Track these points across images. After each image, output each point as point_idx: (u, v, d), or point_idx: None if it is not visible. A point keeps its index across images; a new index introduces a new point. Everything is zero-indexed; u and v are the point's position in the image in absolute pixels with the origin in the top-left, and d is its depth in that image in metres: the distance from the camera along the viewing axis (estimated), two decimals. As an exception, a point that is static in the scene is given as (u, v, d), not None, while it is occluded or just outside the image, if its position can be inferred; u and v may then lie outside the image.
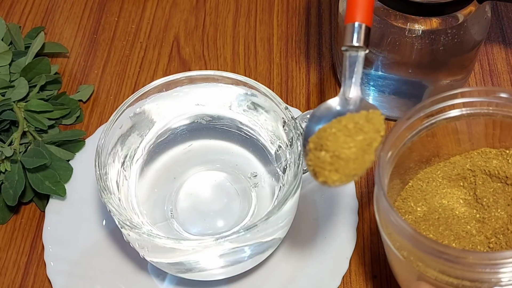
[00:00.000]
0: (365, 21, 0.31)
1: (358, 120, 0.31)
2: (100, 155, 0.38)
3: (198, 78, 0.42)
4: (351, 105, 0.33)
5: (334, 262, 0.42)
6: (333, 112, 0.33)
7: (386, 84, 0.47)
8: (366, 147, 0.31)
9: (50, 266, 0.43)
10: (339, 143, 0.30)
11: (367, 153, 0.31)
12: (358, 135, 0.31)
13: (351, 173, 0.30)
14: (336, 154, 0.30)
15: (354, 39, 0.31)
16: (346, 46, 0.32)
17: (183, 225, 0.42)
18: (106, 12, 0.59)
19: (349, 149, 0.30)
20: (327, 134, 0.31)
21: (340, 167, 0.30)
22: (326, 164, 0.30)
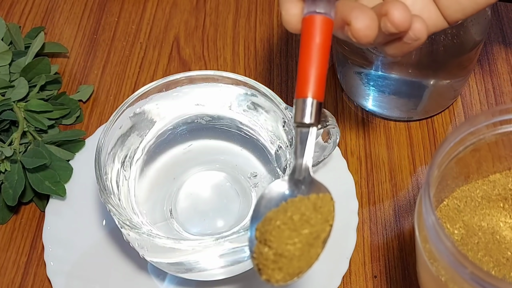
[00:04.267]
0: (317, 97, 0.29)
1: (305, 211, 0.29)
2: (100, 155, 0.38)
3: (198, 78, 0.42)
4: (302, 185, 0.31)
5: (334, 262, 0.42)
6: (282, 195, 0.31)
7: (386, 84, 0.47)
8: (313, 240, 0.29)
9: (50, 266, 0.43)
10: (283, 238, 0.29)
11: (313, 247, 0.29)
12: (304, 228, 0.29)
13: (295, 271, 0.29)
14: (279, 252, 0.29)
15: (305, 116, 0.29)
16: (297, 122, 0.29)
17: (183, 225, 0.42)
18: (106, 13, 0.59)
19: (293, 245, 0.29)
20: (271, 228, 0.29)
21: (284, 266, 0.29)
22: (269, 262, 0.29)
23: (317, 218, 0.29)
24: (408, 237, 0.45)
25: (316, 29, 0.28)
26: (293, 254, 0.29)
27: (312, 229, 0.29)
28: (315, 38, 0.28)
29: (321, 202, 0.30)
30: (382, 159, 0.48)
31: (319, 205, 0.30)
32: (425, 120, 0.50)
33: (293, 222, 0.29)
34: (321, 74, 0.29)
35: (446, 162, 0.34)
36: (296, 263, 0.29)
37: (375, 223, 0.45)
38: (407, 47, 0.31)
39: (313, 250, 0.29)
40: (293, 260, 0.29)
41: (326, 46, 0.29)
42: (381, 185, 0.47)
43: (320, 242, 0.29)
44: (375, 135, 0.50)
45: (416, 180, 0.47)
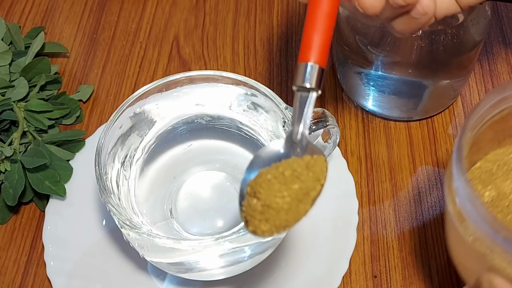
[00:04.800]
0: (319, 62, 0.29)
1: (297, 167, 0.30)
2: (100, 155, 0.38)
3: (198, 78, 0.42)
4: (297, 148, 0.31)
5: (334, 262, 0.42)
6: (277, 155, 0.31)
7: (386, 84, 0.47)
8: (302, 196, 0.29)
9: (50, 266, 0.43)
10: (272, 191, 0.29)
11: (302, 203, 0.29)
12: (294, 183, 0.29)
13: (282, 224, 0.29)
14: (267, 203, 0.29)
15: (305, 80, 0.29)
16: (297, 86, 0.30)
17: (183, 225, 0.42)
18: (106, 12, 0.59)
19: (282, 198, 0.29)
20: (261, 180, 0.29)
21: (271, 217, 0.29)
22: (256, 213, 0.29)
23: (308, 176, 0.30)
24: (408, 237, 0.45)
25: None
26: (281, 207, 0.29)
27: (302, 184, 0.29)
28: (322, 5, 0.29)
29: (314, 162, 0.30)
30: (382, 159, 0.48)
31: (312, 164, 0.30)
32: (425, 120, 0.50)
33: (283, 177, 0.29)
34: (325, 40, 0.29)
35: (480, 125, 0.34)
36: (284, 216, 0.29)
37: (375, 223, 0.45)
38: (415, 22, 0.31)
39: (302, 206, 0.30)
40: (281, 213, 0.29)
41: (332, 14, 0.29)
42: (381, 185, 0.47)
43: (309, 199, 0.30)
44: (375, 135, 0.50)
45: (416, 180, 0.47)
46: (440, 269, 0.43)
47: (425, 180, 0.47)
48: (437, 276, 0.43)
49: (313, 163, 0.30)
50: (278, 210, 0.29)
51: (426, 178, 0.47)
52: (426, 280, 0.43)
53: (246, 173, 0.31)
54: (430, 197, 0.46)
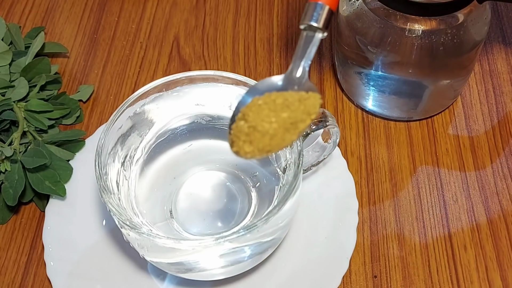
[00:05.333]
0: (330, 4, 0.29)
1: (289, 97, 0.30)
2: (100, 155, 0.38)
3: (198, 78, 0.42)
4: (295, 85, 0.32)
5: (334, 262, 0.42)
6: (274, 86, 0.32)
7: (386, 84, 0.47)
8: (290, 125, 0.30)
9: (50, 266, 0.43)
10: (261, 115, 0.30)
11: (289, 132, 0.30)
12: (284, 111, 0.30)
13: (265, 148, 0.30)
14: (253, 125, 0.29)
15: (313, 18, 0.30)
16: (305, 24, 0.30)
17: (183, 225, 0.42)
18: (106, 12, 0.59)
19: (269, 124, 0.29)
20: (251, 105, 0.30)
21: (255, 140, 0.30)
22: (242, 134, 0.30)
23: (299, 107, 0.30)
24: (408, 237, 0.45)
25: None
26: (266, 131, 0.29)
27: (291, 114, 0.30)
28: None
29: (307, 97, 0.31)
30: (382, 159, 0.48)
31: (305, 98, 0.30)
32: (425, 120, 0.50)
33: (274, 104, 0.30)
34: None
35: None
36: (268, 140, 0.30)
37: (375, 223, 0.45)
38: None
39: (288, 135, 0.30)
40: (265, 137, 0.29)
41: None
42: (381, 185, 0.47)
43: (296, 130, 0.30)
44: (375, 135, 0.50)
45: (416, 180, 0.47)
46: (440, 269, 0.43)
47: (425, 180, 0.47)
48: (437, 276, 0.43)
49: (306, 97, 0.31)
50: (263, 134, 0.30)
51: (426, 178, 0.47)
52: (426, 280, 0.43)
53: (241, 99, 0.31)
54: (430, 197, 0.46)
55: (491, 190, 0.47)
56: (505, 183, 0.47)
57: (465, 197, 0.46)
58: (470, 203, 0.46)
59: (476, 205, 0.46)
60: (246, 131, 0.30)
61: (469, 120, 0.50)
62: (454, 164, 0.48)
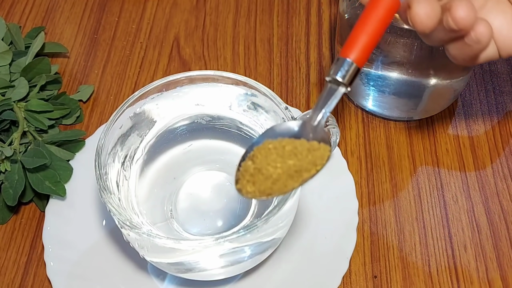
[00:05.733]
0: (359, 62, 0.30)
1: (299, 146, 0.31)
2: (100, 155, 0.38)
3: (198, 78, 0.42)
4: (311, 132, 0.32)
5: (334, 262, 0.42)
6: (290, 131, 0.33)
7: (386, 84, 0.47)
8: (294, 173, 0.31)
9: (50, 266, 0.43)
10: (268, 159, 0.31)
11: (292, 179, 0.31)
12: (291, 159, 0.30)
13: (266, 191, 0.31)
14: (259, 167, 0.30)
15: (340, 74, 0.31)
16: (331, 77, 0.31)
17: (183, 225, 0.42)
18: (107, 12, 0.59)
19: (274, 168, 0.30)
20: (261, 147, 0.31)
21: (258, 181, 0.31)
22: (247, 174, 0.31)
23: (306, 157, 0.31)
24: (408, 237, 0.45)
25: (382, 3, 0.30)
26: (270, 175, 0.30)
27: (297, 162, 0.31)
28: (378, 11, 0.30)
29: (317, 147, 0.31)
30: (382, 159, 0.48)
31: (315, 148, 0.31)
32: (425, 120, 0.50)
33: (283, 150, 0.31)
34: (370, 44, 0.30)
35: None
36: (270, 184, 0.30)
37: (375, 223, 0.45)
38: (469, 49, 0.31)
39: (290, 182, 0.31)
40: (268, 180, 0.30)
41: (384, 22, 0.30)
42: (381, 185, 0.47)
43: (300, 178, 0.31)
44: (375, 135, 0.50)
45: (416, 180, 0.47)
46: (440, 269, 0.43)
47: (425, 180, 0.47)
48: (437, 276, 0.43)
49: (316, 148, 0.31)
50: (266, 177, 0.30)
51: (426, 178, 0.47)
52: (426, 280, 0.43)
53: (257, 139, 0.32)
54: (430, 197, 0.46)
55: (491, 190, 0.47)
56: (505, 183, 0.47)
57: (465, 197, 0.46)
58: (470, 203, 0.46)
59: (476, 205, 0.46)
60: (251, 171, 0.31)
61: (469, 120, 0.50)
62: (454, 164, 0.48)
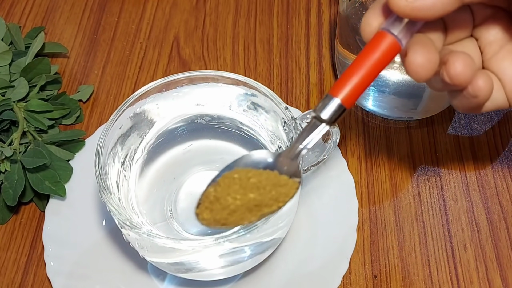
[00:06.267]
0: (346, 103, 0.29)
1: (264, 180, 0.30)
2: (100, 155, 0.38)
3: (198, 78, 0.42)
4: (286, 165, 0.31)
5: (334, 262, 0.42)
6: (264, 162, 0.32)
7: (386, 84, 0.47)
8: (253, 207, 0.30)
9: (50, 266, 0.43)
10: (230, 189, 0.30)
11: (250, 213, 0.30)
12: (252, 192, 0.30)
13: (221, 221, 0.30)
14: (218, 196, 0.30)
15: (325, 113, 0.29)
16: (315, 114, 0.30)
17: (183, 225, 0.42)
18: (106, 13, 0.59)
19: (233, 199, 0.30)
20: (228, 175, 0.31)
21: (215, 210, 0.30)
22: (207, 200, 0.31)
23: (269, 193, 0.30)
24: (408, 237, 0.45)
25: (381, 46, 0.29)
26: (228, 205, 0.30)
27: (259, 197, 0.30)
28: (376, 53, 0.29)
29: (284, 183, 0.31)
30: (382, 159, 0.48)
31: (282, 184, 0.31)
32: (425, 120, 0.50)
33: (247, 182, 0.30)
34: (361, 86, 0.29)
35: None
36: (226, 214, 0.30)
37: (375, 223, 0.45)
38: (467, 102, 0.30)
39: (248, 216, 0.30)
40: (225, 211, 0.30)
41: (381, 65, 0.29)
42: (381, 185, 0.47)
43: (258, 214, 0.30)
44: (375, 135, 0.50)
45: (416, 180, 0.47)
46: (440, 269, 0.43)
47: (425, 180, 0.47)
48: (437, 276, 0.43)
49: (283, 184, 0.31)
50: (224, 207, 0.30)
51: (426, 178, 0.47)
52: (426, 280, 0.43)
53: (230, 164, 0.32)
54: (430, 197, 0.46)
55: (491, 190, 0.47)
56: (505, 183, 0.47)
57: (465, 197, 0.46)
58: (470, 203, 0.46)
59: (476, 205, 0.46)
60: (211, 199, 0.31)
61: (469, 120, 0.50)
62: (454, 164, 0.48)
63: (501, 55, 0.31)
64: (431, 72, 0.29)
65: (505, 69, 0.31)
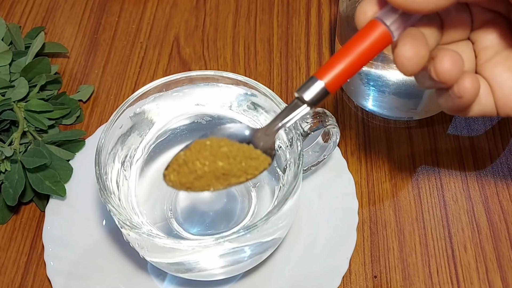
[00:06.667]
0: (330, 87, 0.29)
1: (235, 151, 0.30)
2: (100, 155, 0.38)
3: (198, 78, 0.42)
4: (262, 141, 0.31)
5: (334, 262, 0.42)
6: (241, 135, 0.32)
7: (386, 84, 0.47)
8: (221, 175, 0.30)
9: (50, 266, 0.43)
10: (199, 155, 0.30)
11: (217, 181, 0.30)
12: (222, 160, 0.30)
13: (186, 184, 0.30)
14: (187, 160, 0.30)
15: (308, 94, 0.29)
16: (298, 94, 0.30)
17: (183, 225, 0.42)
18: (107, 12, 0.59)
19: (201, 165, 0.30)
20: (200, 141, 0.30)
21: (181, 173, 0.30)
22: (175, 163, 0.31)
23: (240, 163, 0.30)
24: (408, 237, 0.45)
25: (372, 34, 0.28)
26: (195, 170, 0.30)
27: (227, 166, 0.30)
28: (366, 41, 0.28)
29: (256, 157, 0.31)
30: (382, 159, 0.48)
31: (253, 157, 0.31)
32: (425, 120, 0.50)
33: (217, 150, 0.30)
34: (347, 72, 0.29)
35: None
36: (192, 179, 0.30)
37: (375, 223, 0.45)
38: (452, 102, 0.30)
39: (215, 183, 0.30)
40: (191, 175, 0.30)
41: (369, 53, 0.28)
42: (381, 185, 0.47)
43: (225, 182, 0.30)
44: (375, 135, 0.50)
45: (416, 180, 0.47)
46: (440, 270, 0.43)
47: (425, 180, 0.47)
48: (437, 277, 0.43)
49: (254, 157, 0.31)
50: (191, 171, 0.30)
51: (426, 178, 0.47)
52: (426, 280, 0.43)
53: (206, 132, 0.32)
54: (430, 197, 0.46)
55: (491, 190, 0.47)
56: (505, 183, 0.47)
57: (465, 197, 0.46)
58: (470, 203, 0.46)
59: (476, 205, 0.46)
60: (180, 162, 0.30)
61: (469, 120, 0.50)
62: (454, 164, 0.48)
63: (495, 61, 0.31)
64: (418, 66, 0.28)
65: (496, 75, 0.30)
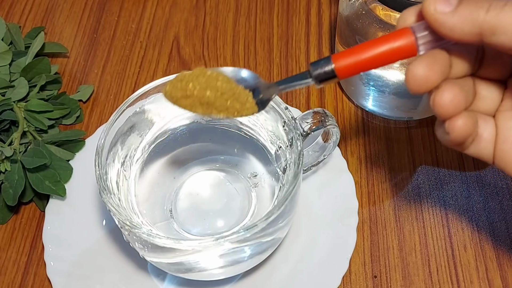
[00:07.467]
0: (340, 72, 0.29)
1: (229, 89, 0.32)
2: (100, 155, 0.38)
3: (198, 78, 0.42)
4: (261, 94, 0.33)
5: (334, 262, 0.42)
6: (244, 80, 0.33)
7: (386, 84, 0.47)
8: (205, 103, 0.32)
9: (50, 266, 0.43)
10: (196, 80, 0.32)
11: (201, 107, 0.32)
12: (211, 91, 0.32)
13: (174, 98, 0.32)
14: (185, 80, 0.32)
15: (317, 71, 0.30)
16: (310, 67, 0.30)
17: (183, 225, 0.42)
18: (106, 12, 0.59)
19: (193, 88, 0.32)
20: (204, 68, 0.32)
21: (175, 88, 0.32)
22: (177, 78, 0.32)
23: (226, 100, 0.32)
24: (408, 237, 0.45)
25: (398, 40, 0.29)
26: (184, 89, 0.32)
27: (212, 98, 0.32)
28: (389, 44, 0.29)
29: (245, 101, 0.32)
30: (382, 159, 0.48)
31: (242, 101, 0.32)
32: (425, 120, 0.50)
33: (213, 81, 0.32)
34: (362, 65, 0.29)
35: None
36: (180, 96, 0.32)
37: (375, 223, 0.45)
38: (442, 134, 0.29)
39: (198, 107, 0.32)
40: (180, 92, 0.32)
41: (389, 56, 0.29)
42: (381, 185, 0.47)
43: (207, 111, 0.32)
44: (375, 135, 0.50)
45: (416, 180, 0.47)
46: (440, 269, 0.43)
47: (425, 180, 0.47)
48: (437, 276, 0.43)
49: (244, 102, 0.32)
50: (181, 89, 0.32)
51: (426, 178, 0.47)
52: (426, 280, 0.43)
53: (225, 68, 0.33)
54: (430, 197, 0.46)
55: (491, 190, 0.47)
56: (505, 183, 0.47)
57: (465, 197, 0.46)
58: (470, 203, 0.46)
59: (476, 205, 0.46)
60: (180, 77, 0.33)
61: (469, 120, 0.50)
62: (454, 164, 0.48)
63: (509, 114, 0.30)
64: (422, 89, 0.28)
65: (506, 128, 0.30)
